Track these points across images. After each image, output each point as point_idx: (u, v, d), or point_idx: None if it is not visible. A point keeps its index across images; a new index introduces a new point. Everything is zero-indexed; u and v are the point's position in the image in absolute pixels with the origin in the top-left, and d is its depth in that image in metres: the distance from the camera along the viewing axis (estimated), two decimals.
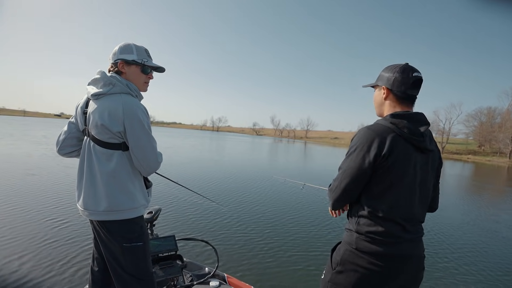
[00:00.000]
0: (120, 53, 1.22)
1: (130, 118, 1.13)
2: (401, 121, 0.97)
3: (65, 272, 2.60)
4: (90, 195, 1.16)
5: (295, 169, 12.86)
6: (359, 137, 1.01)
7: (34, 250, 2.96)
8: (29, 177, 6.35)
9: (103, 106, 1.13)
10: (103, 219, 1.16)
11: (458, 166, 25.40)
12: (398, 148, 0.95)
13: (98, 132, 1.14)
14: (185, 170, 9.47)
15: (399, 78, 1.01)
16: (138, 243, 1.21)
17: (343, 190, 1.02)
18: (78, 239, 3.32)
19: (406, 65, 1.03)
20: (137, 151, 1.17)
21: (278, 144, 44.82)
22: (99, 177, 1.15)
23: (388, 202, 0.96)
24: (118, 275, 1.21)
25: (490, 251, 4.10)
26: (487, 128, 48.88)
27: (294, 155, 23.56)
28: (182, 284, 1.83)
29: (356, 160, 0.98)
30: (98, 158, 1.15)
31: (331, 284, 1.02)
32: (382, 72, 1.08)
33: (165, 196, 5.44)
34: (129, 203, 1.17)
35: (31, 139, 16.35)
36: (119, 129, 1.13)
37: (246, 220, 4.60)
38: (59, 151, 1.30)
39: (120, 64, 1.22)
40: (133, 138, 1.15)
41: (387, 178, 0.96)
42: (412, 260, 0.97)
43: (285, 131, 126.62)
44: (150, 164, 1.22)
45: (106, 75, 1.18)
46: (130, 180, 1.19)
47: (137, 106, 1.16)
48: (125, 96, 1.16)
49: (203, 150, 19.98)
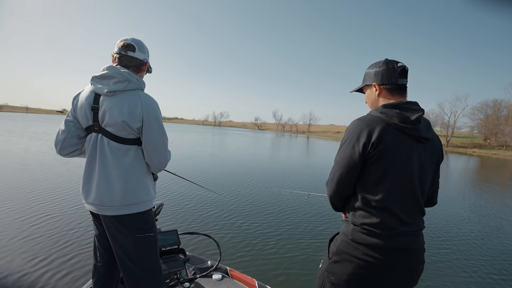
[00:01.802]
0: (147, 54, 1.28)
1: (148, 114, 1.15)
2: (390, 110, 0.98)
3: (66, 268, 2.63)
4: (105, 191, 1.15)
5: (298, 163, 12.86)
6: (350, 128, 1.02)
7: (30, 247, 2.98)
8: (22, 173, 6.44)
9: (122, 103, 1.13)
10: (121, 214, 1.17)
11: (463, 160, 25.14)
12: (388, 137, 0.94)
13: (117, 129, 1.14)
14: (187, 164, 9.52)
15: (386, 71, 1.03)
16: (151, 233, 1.24)
17: (337, 182, 1.03)
18: (75, 234, 3.36)
19: (387, 59, 1.06)
20: (150, 147, 1.18)
21: (281, 138, 44.74)
22: (116, 173, 1.15)
23: (382, 193, 0.95)
24: (128, 269, 1.23)
25: (492, 247, 4.08)
26: (493, 121, 48.12)
27: (297, 149, 23.51)
28: (185, 277, 1.85)
29: (346, 151, 1.00)
30: (113, 154, 1.15)
31: (327, 273, 1.04)
32: (367, 71, 1.10)
33: (167, 191, 5.49)
34: (144, 196, 1.20)
35: (32, 135, 16.51)
36: (138, 125, 1.15)
37: (247, 214, 4.63)
38: (60, 151, 1.25)
39: (146, 65, 1.28)
40: (148, 134, 1.17)
41: (379, 168, 0.96)
42: (410, 253, 0.97)
43: (287, 125, 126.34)
44: (161, 160, 1.24)
45: (120, 71, 1.16)
46: (145, 174, 1.23)
47: (154, 102, 1.20)
48: (141, 93, 1.19)
49: (205, 145, 20.03)
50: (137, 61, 1.23)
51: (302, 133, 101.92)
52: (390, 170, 0.95)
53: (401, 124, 0.95)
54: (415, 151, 0.97)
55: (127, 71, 1.18)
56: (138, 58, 1.24)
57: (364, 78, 1.12)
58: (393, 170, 0.95)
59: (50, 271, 2.54)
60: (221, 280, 1.86)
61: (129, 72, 1.18)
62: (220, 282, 1.85)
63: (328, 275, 1.04)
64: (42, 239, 3.15)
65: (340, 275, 1.00)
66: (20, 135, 16.43)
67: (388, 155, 0.94)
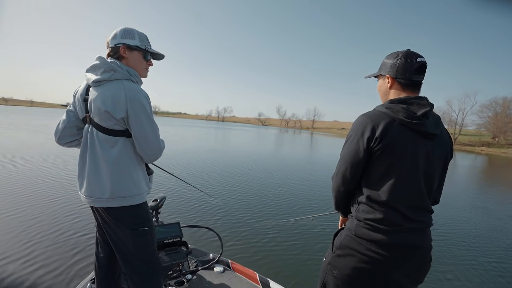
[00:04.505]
0: (121, 37, 1.19)
1: (132, 104, 1.11)
2: (396, 105, 0.96)
3: (69, 259, 2.68)
4: (94, 182, 1.17)
5: (300, 159, 12.81)
6: (355, 123, 1.01)
7: (34, 240, 3.03)
8: (20, 165, 6.56)
9: (106, 93, 1.12)
10: (109, 206, 1.17)
11: (470, 158, 24.69)
12: (392, 132, 0.93)
13: (101, 119, 1.13)
14: (187, 161, 9.55)
15: (402, 65, 1.00)
16: (146, 227, 1.23)
17: (342, 176, 1.03)
18: (80, 226, 3.42)
19: (408, 51, 1.01)
20: (140, 137, 1.16)
21: (284, 134, 44.58)
22: (103, 164, 1.14)
23: (386, 188, 0.94)
24: (127, 260, 1.24)
25: (498, 248, 4.02)
26: (502, 118, 46.98)
27: (303, 149, 23.41)
28: (187, 269, 1.88)
29: (351, 146, 1.00)
30: (101, 145, 1.15)
31: (330, 267, 1.04)
32: (385, 60, 1.06)
33: (170, 184, 5.53)
34: (133, 190, 1.18)
35: (35, 129, 16.76)
36: (122, 115, 1.12)
37: (249, 208, 4.65)
38: (59, 140, 1.27)
39: (122, 48, 1.19)
40: (135, 124, 1.14)
41: (383, 163, 0.95)
42: (416, 251, 0.95)
43: (291, 121, 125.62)
44: (153, 150, 1.21)
45: (106, 61, 1.16)
46: (134, 167, 1.19)
47: (139, 92, 1.15)
48: (127, 82, 1.14)
49: (209, 140, 20.08)
50: (115, 48, 1.19)
51: (306, 129, 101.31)
52: (394, 165, 0.94)
53: (406, 120, 0.93)
54: (421, 147, 0.95)
55: (115, 61, 1.16)
56: (114, 45, 1.19)
57: (381, 67, 1.08)
58: (397, 165, 0.94)
59: (57, 262, 2.60)
60: (223, 273, 1.88)
61: (116, 62, 1.16)
62: (222, 274, 1.87)
63: (331, 268, 1.04)
64: (46, 228, 3.22)
65: (342, 269, 1.00)
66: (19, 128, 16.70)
67: (392, 151, 0.93)
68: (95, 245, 1.39)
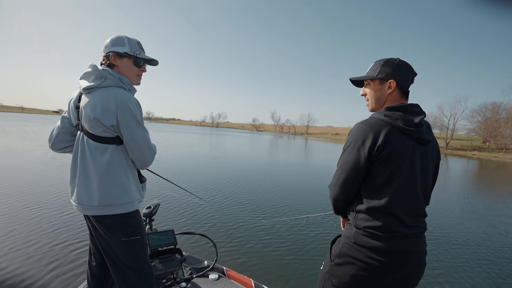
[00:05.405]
0: (111, 45, 1.20)
1: (122, 111, 1.11)
2: (394, 113, 0.97)
3: (62, 268, 2.61)
4: (84, 189, 1.16)
5: (296, 164, 12.84)
6: (354, 131, 1.01)
7: (28, 247, 2.97)
8: (13, 172, 6.42)
9: (95, 100, 1.12)
10: (98, 214, 1.16)
11: (463, 162, 25.14)
12: (393, 140, 0.94)
13: (91, 126, 1.13)
14: (181, 167, 9.49)
15: (406, 74, 1.03)
16: (136, 236, 1.21)
17: (341, 185, 1.02)
18: (73, 235, 3.35)
19: (403, 61, 1.04)
20: (132, 144, 1.16)
21: (279, 140, 44.74)
22: (93, 172, 1.14)
23: (387, 196, 0.95)
24: (117, 269, 1.22)
25: (491, 251, 4.08)
26: (492, 123, 48.21)
27: (297, 154, 23.49)
28: (182, 277, 1.85)
29: (352, 154, 0.99)
30: (91, 153, 1.14)
31: (329, 275, 1.03)
32: (383, 67, 1.04)
33: (164, 191, 5.47)
34: (123, 198, 1.17)
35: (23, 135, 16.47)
36: (112, 122, 1.12)
37: (243, 214, 4.62)
38: (52, 146, 1.29)
39: (112, 56, 1.20)
40: (126, 131, 1.14)
41: (384, 171, 0.95)
42: (412, 256, 0.96)
43: (285, 127, 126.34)
44: (145, 156, 1.21)
45: (98, 68, 1.17)
46: (125, 175, 1.18)
47: (129, 99, 1.14)
48: (117, 90, 1.14)
49: (203, 146, 20.01)
50: (107, 57, 1.21)
51: (300, 134, 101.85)
52: (395, 173, 0.95)
53: (405, 127, 0.95)
54: (418, 153, 0.98)
55: (106, 69, 1.17)
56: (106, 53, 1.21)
57: (379, 71, 1.05)
58: (398, 173, 0.95)
59: (49, 271, 2.53)
60: (218, 280, 1.86)
61: (107, 70, 1.17)
62: (216, 281, 1.85)
63: (330, 277, 1.03)
64: (38, 235, 3.14)
65: (342, 278, 0.99)
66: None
67: (394, 158, 0.94)
68: (88, 254, 1.37)
